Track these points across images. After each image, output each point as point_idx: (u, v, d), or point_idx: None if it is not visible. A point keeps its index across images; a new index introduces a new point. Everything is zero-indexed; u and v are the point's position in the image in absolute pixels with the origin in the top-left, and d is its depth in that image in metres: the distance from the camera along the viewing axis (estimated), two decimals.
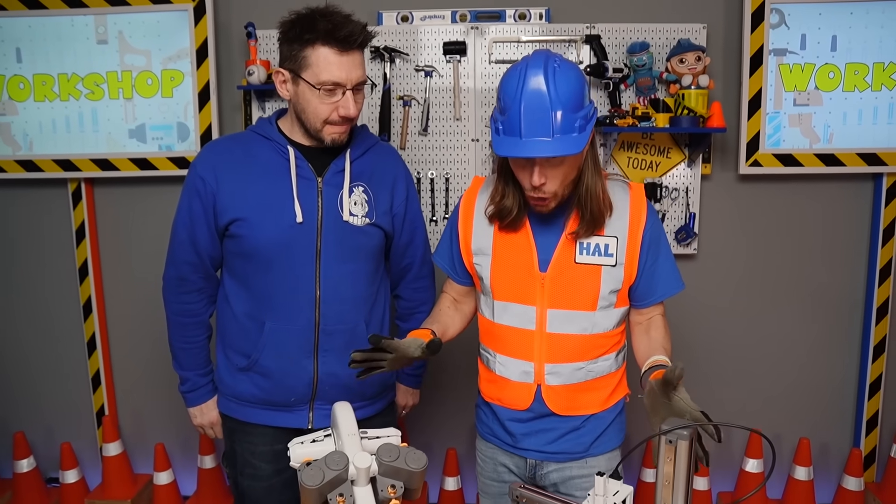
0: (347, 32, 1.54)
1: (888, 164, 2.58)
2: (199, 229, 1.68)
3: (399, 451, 1.15)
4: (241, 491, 1.79)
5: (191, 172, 1.68)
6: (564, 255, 1.51)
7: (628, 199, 1.52)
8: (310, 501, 1.09)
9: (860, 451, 2.72)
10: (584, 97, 1.41)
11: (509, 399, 1.61)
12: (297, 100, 1.61)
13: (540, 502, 1.26)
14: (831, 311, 2.76)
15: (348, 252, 1.67)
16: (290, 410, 1.71)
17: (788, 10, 2.50)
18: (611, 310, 1.55)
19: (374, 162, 1.74)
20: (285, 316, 1.65)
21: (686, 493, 1.17)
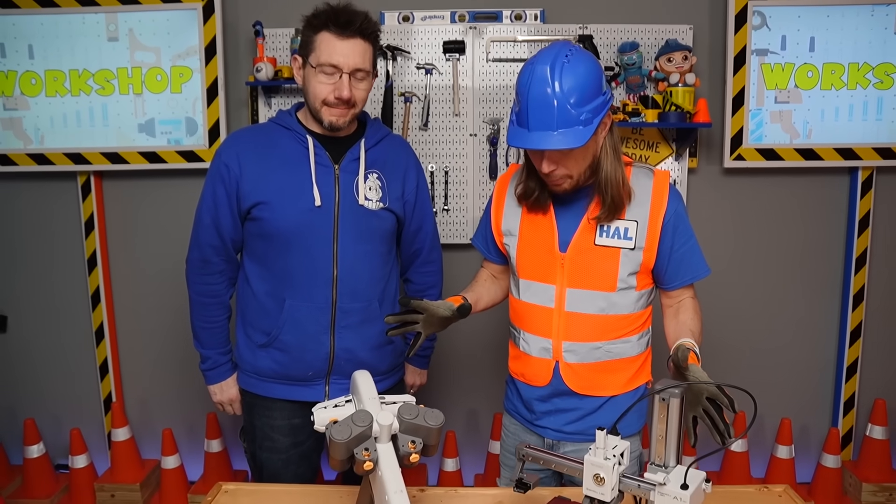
0: (346, 19, 1.65)
1: (863, 159, 2.72)
2: (223, 213, 1.77)
3: (418, 410, 1.25)
4: (260, 463, 1.89)
5: (215, 160, 1.77)
6: (585, 237, 1.58)
7: (651, 186, 1.58)
8: (338, 455, 1.19)
9: (838, 431, 2.86)
10: (593, 90, 1.45)
11: (531, 375, 1.68)
12: (304, 83, 1.72)
13: (544, 459, 1.36)
14: (811, 297, 2.91)
15: (363, 234, 1.77)
16: (308, 385, 1.81)
17: (769, 12, 2.64)
18: (630, 292, 1.59)
19: (386, 151, 1.84)
20: (304, 294, 1.75)
21: (678, 448, 1.28)
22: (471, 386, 2.94)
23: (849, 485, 2.85)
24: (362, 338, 1.80)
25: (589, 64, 1.46)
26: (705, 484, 1.22)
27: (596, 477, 1.22)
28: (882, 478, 2.78)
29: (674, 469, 1.25)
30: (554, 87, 1.42)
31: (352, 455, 1.21)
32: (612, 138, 1.55)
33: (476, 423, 2.98)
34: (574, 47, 1.48)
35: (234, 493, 1.60)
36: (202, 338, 1.90)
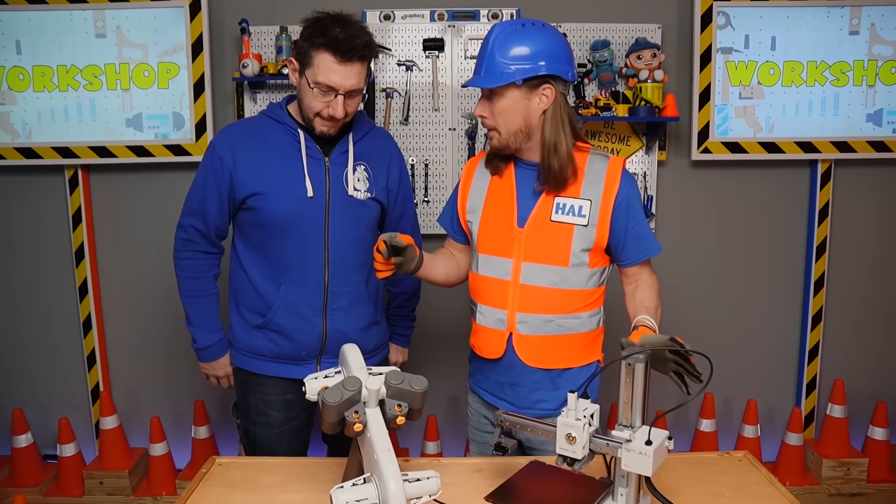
0: (349, 46, 1.70)
1: (822, 152, 2.88)
2: (211, 203, 1.86)
3: (404, 377, 1.35)
4: (253, 438, 1.98)
5: (209, 151, 1.86)
6: (541, 213, 1.69)
7: (605, 168, 1.70)
8: (330, 417, 1.29)
9: (800, 410, 3.01)
10: (531, 53, 1.59)
11: (486, 347, 1.78)
12: (299, 90, 1.81)
13: (520, 424, 1.46)
14: (775, 284, 3.05)
15: (352, 222, 1.88)
16: (300, 364, 1.90)
17: (733, 12, 2.78)
18: (583, 268, 1.69)
19: (372, 144, 1.94)
20: (298, 279, 1.85)
21: (643, 410, 1.38)
22: (452, 373, 3.03)
23: (811, 461, 3.00)
24: (352, 319, 1.91)
25: (540, 34, 1.62)
26: (668, 441, 1.33)
27: (568, 436, 1.32)
28: (841, 454, 2.93)
29: (639, 429, 1.35)
30: (494, 40, 1.61)
31: (343, 419, 1.31)
32: (558, 113, 1.65)
33: (456, 408, 3.09)
34: (544, 23, 1.65)
35: (228, 465, 1.68)
36: (192, 317, 1.98)
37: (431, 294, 2.96)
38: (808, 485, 2.93)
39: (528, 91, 1.63)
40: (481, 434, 1.91)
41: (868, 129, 2.87)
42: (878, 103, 2.85)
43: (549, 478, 1.45)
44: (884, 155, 2.88)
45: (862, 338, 3.09)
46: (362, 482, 1.25)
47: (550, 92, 1.64)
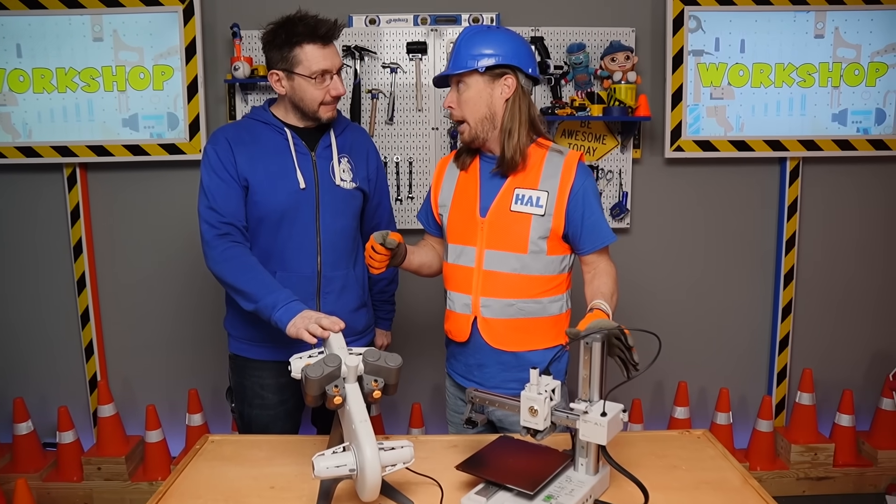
0: (325, 30, 1.88)
1: (790, 150, 3.01)
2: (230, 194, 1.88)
3: (380, 354, 1.47)
4: (249, 420, 2.09)
5: (210, 152, 1.92)
6: (502, 203, 1.81)
7: (562, 162, 1.81)
8: (312, 391, 1.40)
9: (771, 398, 3.14)
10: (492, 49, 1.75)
11: (455, 331, 1.90)
12: (294, 92, 1.92)
13: (489, 400, 1.57)
14: (746, 277, 3.18)
15: (340, 210, 2.01)
16: (295, 347, 2.01)
17: (704, 17, 2.91)
18: (541, 255, 1.79)
19: (351, 138, 2.08)
20: (293, 266, 1.97)
21: (600, 385, 1.49)
22: (436, 362, 3.14)
23: (780, 447, 3.13)
24: (343, 302, 2.03)
25: (502, 34, 1.80)
26: (622, 414, 1.44)
27: (531, 409, 1.43)
28: (808, 439, 3.06)
29: (597, 402, 1.47)
30: (462, 38, 1.78)
31: (324, 392, 1.42)
32: (517, 103, 1.78)
33: (440, 396, 3.20)
34: (505, 29, 1.82)
35: (220, 442, 1.79)
36: (248, 292, 1.83)
37: (415, 285, 3.08)
38: (777, 469, 3.07)
39: (491, 80, 1.77)
40: (457, 415, 2.02)
41: (833, 129, 3.00)
42: (842, 104, 2.98)
43: (517, 450, 1.56)
44: (848, 153, 3.02)
45: (830, 329, 3.22)
46: (342, 450, 1.37)
47: (511, 81, 1.77)
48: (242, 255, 1.88)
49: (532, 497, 1.34)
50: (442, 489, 1.46)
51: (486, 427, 1.95)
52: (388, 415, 3.22)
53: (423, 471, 1.52)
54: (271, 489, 1.52)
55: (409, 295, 3.07)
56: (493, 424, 1.95)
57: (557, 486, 1.39)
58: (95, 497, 2.98)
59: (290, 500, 1.47)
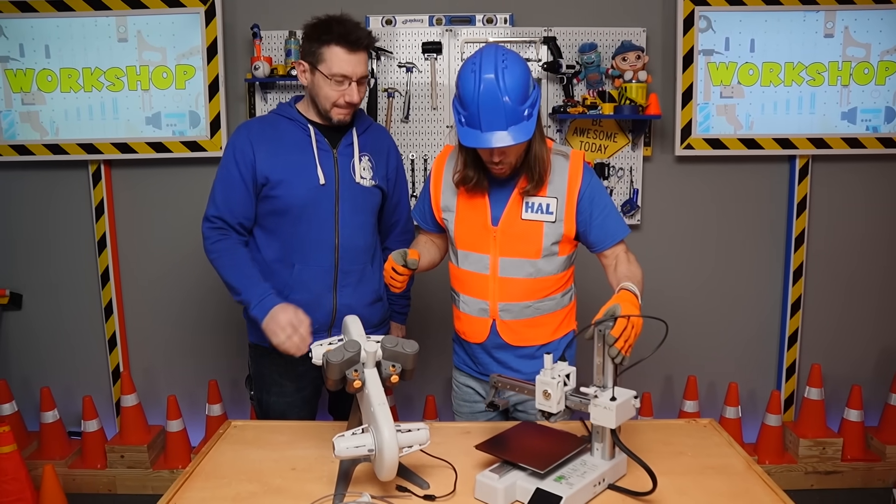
0: (356, 37, 1.90)
1: (799, 148, 3.04)
2: (237, 192, 1.98)
3: (398, 341, 1.54)
4: (266, 407, 2.16)
5: (230, 146, 2.02)
6: (513, 212, 1.81)
7: (568, 166, 1.84)
8: (333, 375, 1.47)
9: (779, 393, 3.18)
10: (529, 86, 1.67)
11: (471, 333, 1.95)
12: (313, 87, 1.98)
13: (510, 384, 1.63)
14: (755, 273, 3.22)
15: (359, 207, 2.06)
16: (312, 337, 2.08)
17: (714, 16, 2.96)
18: (554, 258, 1.84)
19: (373, 137, 2.13)
20: (311, 259, 2.03)
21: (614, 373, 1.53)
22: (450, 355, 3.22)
23: (789, 441, 3.17)
24: (359, 295, 2.09)
25: (521, 65, 1.67)
26: (634, 400, 1.48)
27: (545, 393, 1.48)
28: (817, 434, 3.10)
29: (609, 388, 1.52)
30: (501, 91, 1.62)
31: (344, 377, 1.49)
32: (539, 125, 1.77)
33: None
34: (505, 51, 1.68)
35: (243, 427, 1.87)
36: (236, 285, 1.96)
37: (430, 282, 3.14)
38: (786, 463, 3.10)
39: None
40: (469, 405, 2.08)
41: (843, 127, 3.03)
42: (852, 102, 3.02)
43: (536, 434, 1.61)
44: (858, 151, 3.05)
45: (839, 324, 3.25)
46: (361, 432, 1.43)
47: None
48: (230, 248, 1.98)
49: (543, 476, 1.40)
50: (456, 472, 1.52)
51: (499, 415, 2.01)
52: (403, 406, 3.29)
53: (439, 455, 1.59)
54: (293, 470, 1.59)
55: (423, 290, 3.13)
56: (506, 413, 2.01)
57: (571, 469, 1.44)
58: (118, 484, 3.07)
59: (311, 481, 1.53)
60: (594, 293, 1.98)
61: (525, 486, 1.39)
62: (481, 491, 1.43)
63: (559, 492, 1.34)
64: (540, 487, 1.37)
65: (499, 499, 1.39)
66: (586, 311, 2.02)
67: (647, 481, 1.41)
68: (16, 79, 2.95)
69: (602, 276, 1.88)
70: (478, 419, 2.02)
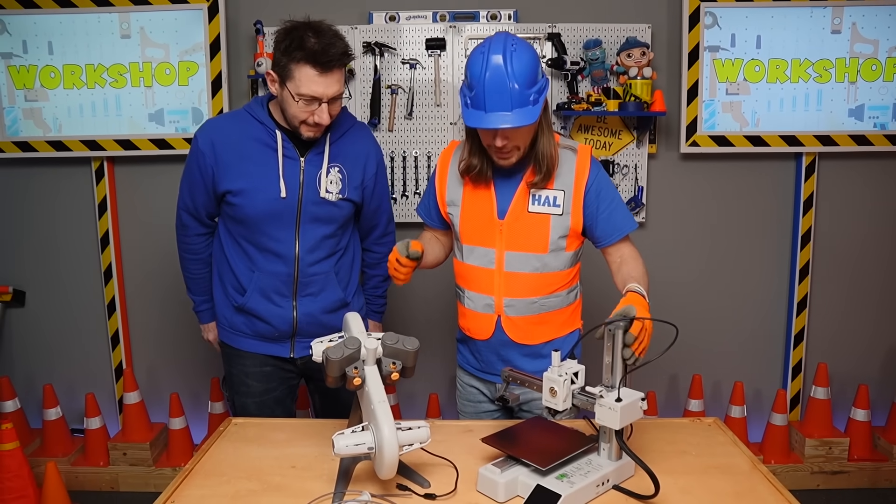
0: (328, 58, 1.75)
1: (805, 146, 3.02)
2: (197, 191, 2.00)
3: (398, 338, 1.52)
4: (238, 408, 2.13)
5: (193, 145, 1.97)
6: (519, 205, 1.79)
7: (575, 160, 1.82)
8: (333, 372, 1.46)
9: (785, 392, 3.15)
10: (537, 73, 1.67)
11: (476, 329, 1.92)
12: (281, 100, 1.86)
13: (521, 380, 1.61)
14: (761, 272, 3.20)
15: (322, 220, 1.98)
16: (276, 342, 2.06)
17: (720, 12, 2.93)
18: (561, 253, 1.81)
19: (350, 144, 2.01)
20: (270, 268, 1.98)
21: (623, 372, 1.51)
22: (453, 354, 3.20)
23: (795, 441, 3.14)
24: (321, 303, 2.05)
25: (531, 52, 1.68)
26: (641, 402, 1.45)
27: (551, 390, 1.47)
28: (823, 433, 3.07)
29: (616, 389, 1.50)
30: (508, 73, 1.62)
31: (344, 374, 1.48)
32: (546, 116, 1.77)
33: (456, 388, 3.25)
34: (515, 38, 1.68)
35: (243, 425, 1.86)
36: (190, 286, 2.21)
37: (431, 280, 3.14)
38: (791, 463, 3.08)
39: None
40: (473, 405, 2.06)
41: (850, 124, 3.00)
42: (859, 99, 2.99)
43: (544, 430, 1.59)
44: (865, 148, 3.02)
45: (845, 323, 3.22)
46: (361, 429, 1.42)
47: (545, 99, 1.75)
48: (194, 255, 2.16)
49: (545, 473, 1.38)
50: (457, 470, 1.51)
51: (503, 413, 2.00)
52: (406, 405, 3.28)
53: (440, 453, 1.57)
54: (293, 468, 1.58)
55: (424, 289, 3.13)
56: (512, 411, 1.99)
57: (575, 467, 1.43)
58: (121, 481, 3.07)
59: (311, 479, 1.52)
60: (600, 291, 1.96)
61: (526, 481, 1.38)
62: (483, 484, 1.42)
63: (559, 490, 1.33)
64: (540, 484, 1.36)
65: (499, 493, 1.38)
66: (591, 310, 2.02)
67: None
68: (19, 75, 2.94)
69: (608, 275, 1.86)
70: (482, 419, 2.00)
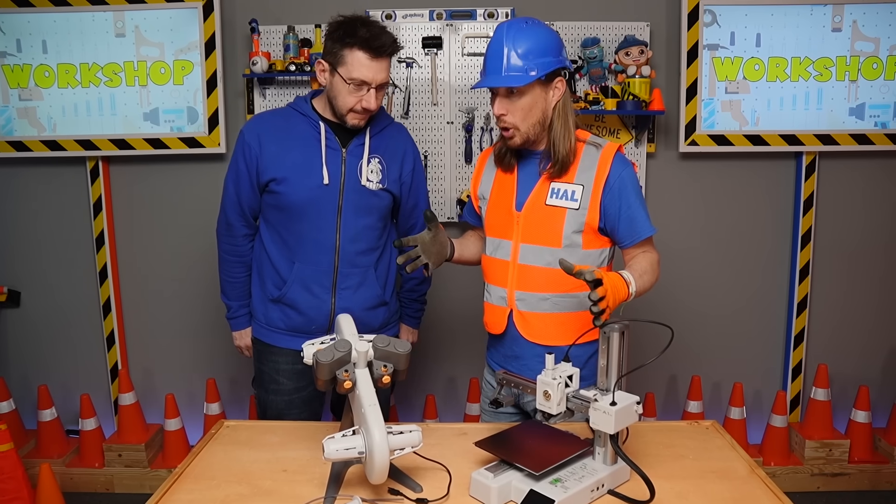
0: (380, 43, 1.87)
1: (805, 145, 2.99)
2: (243, 185, 2.04)
3: (389, 340, 1.50)
4: (265, 405, 2.15)
5: (239, 138, 2.03)
6: (538, 197, 1.78)
7: (599, 156, 1.76)
8: (322, 375, 1.44)
9: (785, 393, 3.13)
10: (542, 49, 1.68)
11: (492, 323, 1.91)
12: (331, 88, 1.95)
13: (515, 383, 1.59)
14: (761, 272, 3.17)
15: (363, 210, 2.02)
16: (311, 337, 2.04)
17: (719, 10, 2.90)
18: (576, 249, 1.76)
19: (388, 138, 2.08)
20: (311, 258, 2.02)
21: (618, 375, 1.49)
22: (451, 354, 3.20)
23: (795, 443, 3.12)
24: (359, 299, 2.06)
25: (543, 31, 1.71)
26: (637, 406, 1.43)
27: (545, 393, 1.45)
28: (823, 435, 3.05)
29: (610, 393, 1.47)
30: (507, 40, 1.68)
31: (335, 377, 1.46)
32: (564, 107, 1.75)
33: (454, 387, 3.24)
34: (538, 21, 1.74)
35: (235, 427, 1.84)
36: (227, 291, 2.19)
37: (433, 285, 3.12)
38: (791, 465, 3.05)
39: (544, 86, 1.72)
40: None
41: (851, 123, 2.98)
42: (860, 98, 2.96)
43: (539, 434, 1.57)
44: (866, 147, 2.99)
45: (846, 324, 3.20)
46: (351, 433, 1.40)
47: (562, 84, 1.74)
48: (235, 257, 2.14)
49: (538, 478, 1.36)
50: (450, 474, 1.49)
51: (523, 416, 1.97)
52: (403, 406, 3.26)
53: (433, 457, 1.55)
54: (284, 472, 1.56)
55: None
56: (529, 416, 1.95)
57: (569, 472, 1.41)
58: (116, 483, 3.05)
59: (302, 483, 1.50)
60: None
61: (519, 486, 1.36)
62: (476, 489, 1.40)
63: (552, 495, 1.31)
64: (533, 489, 1.34)
65: (492, 498, 1.36)
66: None
67: None
68: (13, 74, 2.93)
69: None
70: (500, 419, 1.95)
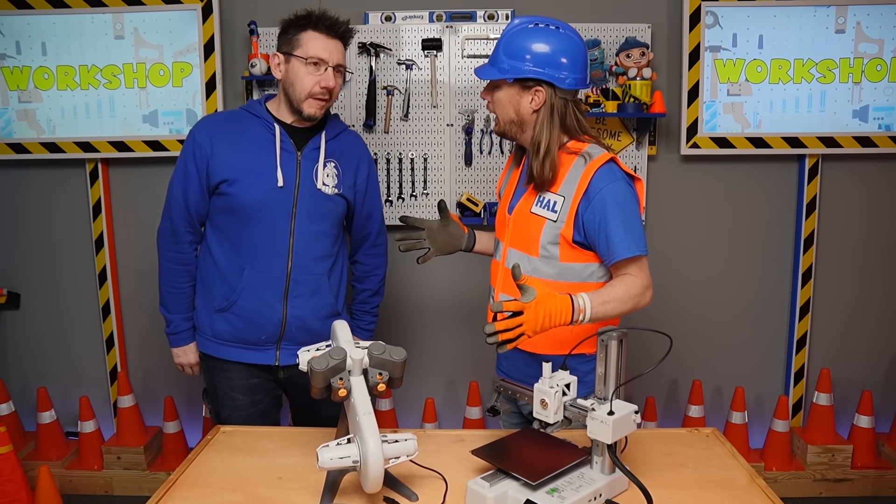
0: (332, 22, 1.91)
1: (808, 147, 2.97)
2: (192, 188, 1.98)
3: (385, 348, 1.49)
4: (221, 421, 2.08)
5: (189, 138, 1.97)
6: (525, 204, 1.80)
7: (584, 168, 1.72)
8: (317, 383, 1.43)
9: (787, 398, 3.11)
10: (530, 55, 1.67)
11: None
12: (288, 76, 1.92)
13: (511, 390, 1.58)
14: (764, 276, 3.15)
15: (318, 215, 1.98)
16: (260, 349, 2.01)
17: (721, 12, 2.88)
18: (553, 261, 1.73)
19: (343, 144, 2.05)
20: (262, 264, 1.95)
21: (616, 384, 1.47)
22: (450, 358, 3.18)
23: (797, 448, 3.10)
24: (312, 307, 2.01)
25: (547, 38, 1.70)
26: (635, 415, 1.41)
27: (542, 402, 1.43)
28: (826, 440, 3.02)
29: (612, 401, 1.46)
30: (505, 34, 1.73)
31: (329, 385, 1.44)
32: (549, 114, 1.71)
33: (454, 391, 3.22)
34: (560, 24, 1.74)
35: (231, 433, 1.83)
36: (169, 303, 2.10)
37: (430, 282, 3.10)
38: (794, 470, 3.03)
39: (521, 89, 1.71)
40: None
41: (854, 125, 2.95)
42: (864, 100, 2.93)
43: (536, 442, 1.55)
44: (870, 150, 2.97)
45: (848, 328, 3.17)
46: (346, 442, 1.39)
47: (542, 94, 1.69)
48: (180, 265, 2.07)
49: (535, 488, 1.35)
50: (447, 482, 1.47)
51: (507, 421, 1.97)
52: (402, 409, 3.25)
53: (430, 465, 1.54)
54: (279, 479, 1.55)
55: (423, 291, 3.10)
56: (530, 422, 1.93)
57: (566, 481, 1.39)
58: (115, 485, 3.05)
59: (297, 491, 1.49)
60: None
61: (516, 496, 1.34)
62: (472, 498, 1.38)
63: None
64: (530, 499, 1.32)
65: None
66: None
67: None
68: (12, 76, 2.92)
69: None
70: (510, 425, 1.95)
